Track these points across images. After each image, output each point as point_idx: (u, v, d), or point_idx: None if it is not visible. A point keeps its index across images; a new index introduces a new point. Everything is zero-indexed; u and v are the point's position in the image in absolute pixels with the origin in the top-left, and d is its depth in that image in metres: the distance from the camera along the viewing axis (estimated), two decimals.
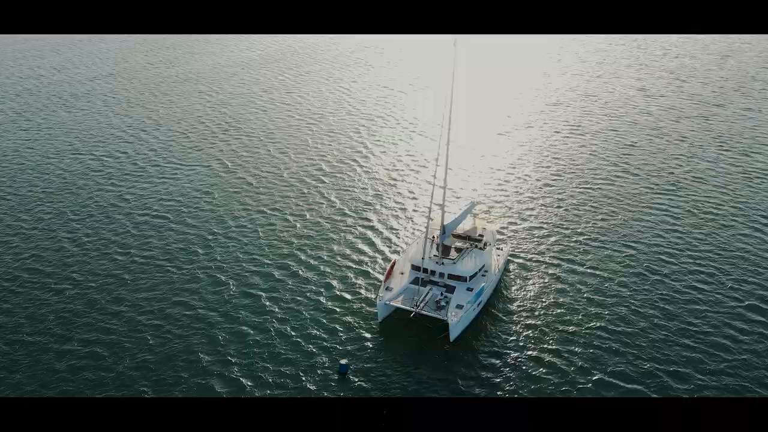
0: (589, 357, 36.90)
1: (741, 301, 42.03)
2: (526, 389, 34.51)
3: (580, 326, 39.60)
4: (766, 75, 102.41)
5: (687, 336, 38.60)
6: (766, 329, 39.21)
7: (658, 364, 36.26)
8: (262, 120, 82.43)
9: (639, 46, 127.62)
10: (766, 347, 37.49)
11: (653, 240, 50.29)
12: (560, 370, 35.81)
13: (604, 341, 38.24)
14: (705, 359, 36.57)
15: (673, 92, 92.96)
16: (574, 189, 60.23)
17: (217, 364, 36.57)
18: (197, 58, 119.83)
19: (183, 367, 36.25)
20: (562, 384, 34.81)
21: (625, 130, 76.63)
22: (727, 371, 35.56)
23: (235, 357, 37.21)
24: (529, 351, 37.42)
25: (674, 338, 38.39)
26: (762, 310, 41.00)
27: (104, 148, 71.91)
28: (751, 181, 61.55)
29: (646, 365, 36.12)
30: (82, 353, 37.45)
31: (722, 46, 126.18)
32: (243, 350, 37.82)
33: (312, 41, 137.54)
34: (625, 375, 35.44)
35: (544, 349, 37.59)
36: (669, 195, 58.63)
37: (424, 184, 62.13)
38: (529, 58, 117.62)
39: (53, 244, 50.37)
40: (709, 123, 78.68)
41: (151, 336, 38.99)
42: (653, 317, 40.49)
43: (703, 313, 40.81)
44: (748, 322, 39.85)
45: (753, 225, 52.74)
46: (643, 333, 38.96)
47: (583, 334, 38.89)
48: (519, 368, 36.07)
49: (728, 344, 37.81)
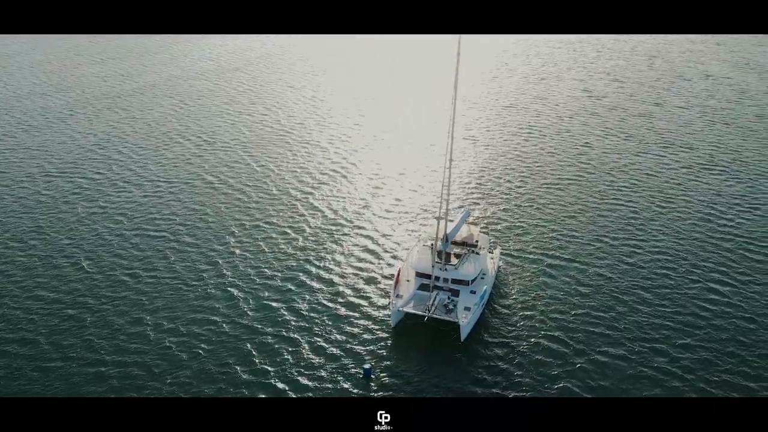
0: (582, 339, 40.31)
1: (699, 281, 46.73)
2: (534, 376, 37.44)
3: (570, 313, 43.04)
4: (692, 73, 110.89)
5: (658, 316, 42.75)
6: (728, 306, 43.91)
7: (622, 326, 40.18)
8: (234, 132, 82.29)
9: (575, 49, 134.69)
10: (724, 321, 42.11)
11: (619, 232, 54.62)
12: (560, 354, 39.01)
13: (593, 325, 41.79)
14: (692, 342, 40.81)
15: (614, 92, 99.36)
16: (542, 190, 64.12)
17: (251, 373, 37.56)
18: (150, 70, 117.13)
19: (221, 379, 37.06)
20: (565, 365, 38.01)
21: (578, 131, 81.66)
22: (695, 343, 39.89)
23: (267, 365, 38.39)
24: (531, 339, 40.47)
25: (644, 313, 42.43)
26: (717, 291, 45.77)
27: (78, 169, 70.02)
28: (694, 174, 67.42)
29: (624, 334, 39.93)
30: (121, 375, 37.50)
31: (649, 46, 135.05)
32: (272, 359, 39.05)
33: (263, 51, 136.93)
34: (615, 347, 39.12)
35: (541, 336, 40.77)
36: (627, 191, 63.47)
37: (413, 191, 64.40)
38: (478, 60, 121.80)
39: (56, 271, 49.26)
40: (651, 121, 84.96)
41: (182, 352, 39.44)
42: (625, 299, 44.46)
43: (671, 295, 45.19)
44: (708, 300, 44.46)
45: (701, 213, 58.09)
46: (620, 312, 42.83)
47: (573, 319, 42.31)
48: (525, 355, 39.03)
49: (694, 320, 42.24)
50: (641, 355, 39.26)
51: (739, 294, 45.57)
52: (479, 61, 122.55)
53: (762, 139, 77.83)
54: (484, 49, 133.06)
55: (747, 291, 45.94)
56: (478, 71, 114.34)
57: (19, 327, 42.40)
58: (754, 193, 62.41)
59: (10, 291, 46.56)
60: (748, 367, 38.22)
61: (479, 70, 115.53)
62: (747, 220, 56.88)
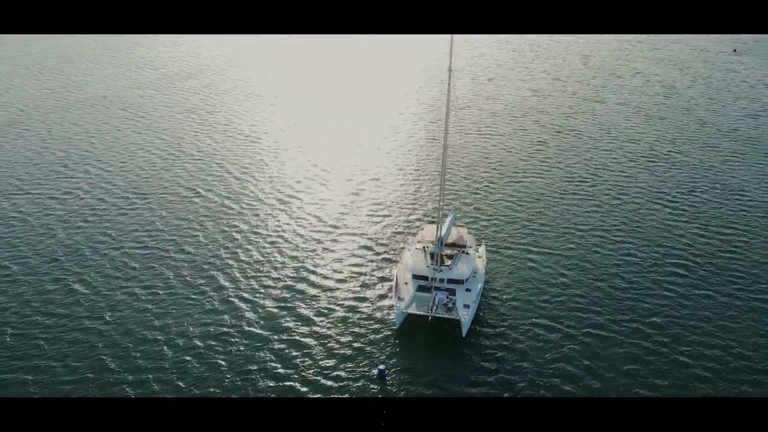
0: (571, 324, 43.06)
1: (659, 262, 50.77)
2: (533, 359, 39.75)
3: (556, 300, 45.77)
4: (623, 71, 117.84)
5: (631, 297, 46.26)
6: (687, 278, 48.01)
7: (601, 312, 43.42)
8: (202, 142, 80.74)
9: (514, 49, 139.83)
10: (680, 294, 46.16)
11: (585, 222, 58.08)
12: (551, 338, 41.58)
13: (579, 309, 44.69)
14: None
15: (558, 91, 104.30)
16: (509, 188, 67.02)
17: (268, 377, 37.85)
18: (98, 81, 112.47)
19: (243, 381, 37.16)
20: (558, 348, 40.58)
21: (532, 129, 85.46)
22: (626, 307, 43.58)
23: (282, 368, 38.79)
24: (525, 328, 42.80)
25: (618, 291, 45.84)
26: (677, 265, 49.90)
27: (45, 189, 66.90)
28: (641, 165, 72.34)
29: (605, 314, 43.11)
30: (154, 388, 36.81)
31: (581, 46, 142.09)
32: (286, 362, 39.52)
33: (209, 57, 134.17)
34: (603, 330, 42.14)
35: (533, 324, 43.15)
36: (586, 184, 67.31)
37: (399, 195, 65.64)
38: (423, 61, 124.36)
39: (50, 295, 47.28)
40: (595, 118, 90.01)
41: (193, 358, 39.15)
42: (600, 282, 47.78)
43: (639, 276, 48.89)
44: (670, 274, 48.45)
45: (651, 200, 62.61)
46: (598, 294, 46.04)
47: (559, 305, 45.04)
48: (522, 342, 41.27)
49: (642, 296, 46.04)
50: (620, 324, 42.47)
51: (694, 268, 49.80)
52: (429, 63, 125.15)
53: (693, 130, 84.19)
54: (428, 50, 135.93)
55: (701, 263, 50.24)
56: (429, 74, 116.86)
57: (27, 353, 40.70)
58: (693, 179, 67.76)
59: (9, 321, 44.46)
60: (691, 323, 42.11)
61: (430, 73, 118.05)
62: (691, 204, 61.80)
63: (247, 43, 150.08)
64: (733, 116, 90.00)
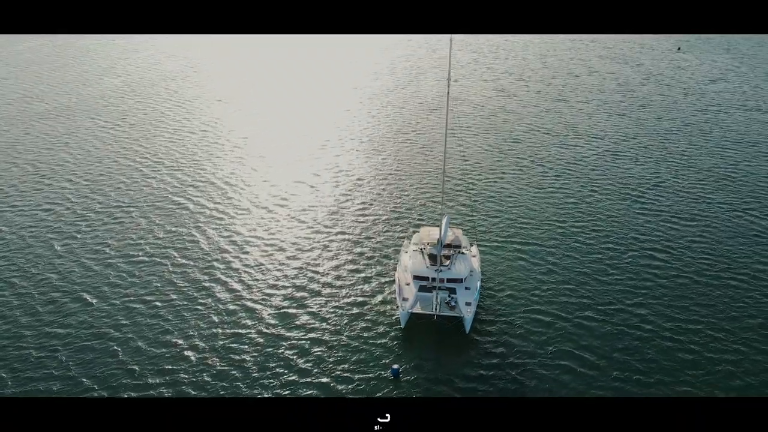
0: (566, 315, 45.08)
1: (634, 251, 53.58)
2: (534, 350, 41.48)
3: (549, 292, 47.75)
4: (579, 70, 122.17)
5: (611, 282, 48.75)
6: (660, 262, 50.93)
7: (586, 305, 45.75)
8: (183, 150, 79.18)
9: (474, 50, 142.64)
10: (661, 278, 49.06)
11: (564, 215, 60.47)
12: (546, 326, 43.45)
13: (570, 300, 46.78)
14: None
15: (522, 91, 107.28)
16: (488, 187, 68.89)
17: (280, 380, 38.06)
18: (59, 90, 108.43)
19: (255, 384, 37.16)
20: (556, 338, 42.47)
21: (502, 128, 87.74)
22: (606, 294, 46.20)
23: (292, 371, 38.96)
24: (522, 321, 44.51)
25: (600, 281, 48.24)
26: (649, 256, 52.82)
27: (32, 201, 64.35)
28: (607, 160, 75.60)
29: (588, 299, 45.35)
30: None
31: (538, 46, 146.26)
32: (295, 365, 39.82)
33: (172, 63, 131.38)
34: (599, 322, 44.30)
35: (530, 317, 44.91)
36: (559, 180, 69.86)
37: (391, 197, 66.30)
38: (393, 63, 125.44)
39: (60, 307, 45.80)
40: (560, 116, 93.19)
41: (212, 366, 38.97)
42: (586, 271, 50.12)
43: (620, 264, 51.47)
44: (645, 265, 51.26)
45: (620, 193, 65.70)
46: (585, 283, 48.31)
47: (552, 298, 47.04)
48: (521, 336, 42.96)
49: (623, 288, 48.71)
50: (606, 313, 44.78)
51: (665, 256, 52.81)
52: (394, 64, 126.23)
53: (650, 125, 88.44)
54: (389, 51, 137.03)
55: (673, 251, 53.32)
56: (396, 74, 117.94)
57: (44, 365, 39.48)
58: (657, 172, 71.39)
59: (21, 336, 42.95)
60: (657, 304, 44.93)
61: (397, 74, 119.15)
62: (657, 194, 65.18)
63: (220, 45, 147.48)
64: (685, 111, 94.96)
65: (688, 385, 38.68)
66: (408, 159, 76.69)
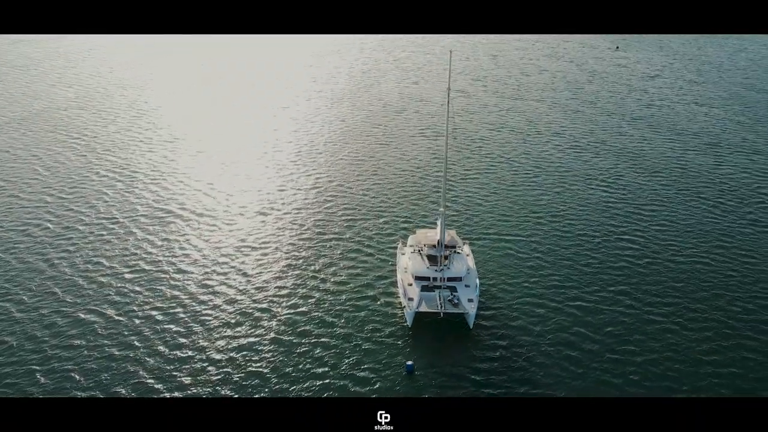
0: (562, 310, 47.62)
1: (602, 236, 57.12)
2: (535, 343, 43.69)
3: (542, 286, 50.23)
4: (530, 69, 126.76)
5: (597, 272, 51.94)
6: (631, 247, 54.58)
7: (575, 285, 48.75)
8: (161, 160, 77.01)
9: (427, 52, 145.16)
10: (633, 270, 52.70)
11: (541, 209, 63.31)
12: (544, 321, 45.92)
13: (564, 296, 49.42)
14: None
15: (481, 91, 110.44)
16: (473, 187, 71.09)
17: (290, 380, 38.51)
18: (10, 102, 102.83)
19: (264, 385, 37.53)
20: (554, 332, 44.93)
21: (468, 128, 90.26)
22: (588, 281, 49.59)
23: (303, 372, 40.05)
24: (521, 314, 46.74)
25: (586, 273, 51.31)
26: (621, 243, 56.43)
27: (18, 219, 61.38)
28: (571, 156, 79.46)
29: (584, 294, 48.28)
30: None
31: (488, 46, 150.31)
32: (307, 365, 40.73)
33: (128, 72, 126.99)
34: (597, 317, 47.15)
35: (527, 311, 47.22)
36: (531, 176, 72.83)
37: (387, 199, 67.04)
38: (353, 63, 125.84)
39: (77, 322, 44.21)
40: (521, 114, 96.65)
41: (228, 369, 38.98)
42: (574, 264, 53.10)
43: (605, 255, 54.75)
44: (620, 249, 54.80)
45: (586, 187, 69.43)
46: (575, 276, 51.22)
47: (547, 292, 49.56)
48: (522, 329, 45.15)
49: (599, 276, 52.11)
50: (600, 305, 47.82)
51: (636, 241, 56.60)
52: (353, 63, 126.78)
53: (603, 121, 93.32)
54: (346, 50, 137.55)
55: (645, 236, 57.15)
56: (355, 74, 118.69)
57: (44, 365, 38.18)
58: (615, 164, 75.75)
59: (48, 357, 41.24)
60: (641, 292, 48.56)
61: (355, 74, 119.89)
62: (620, 185, 69.24)
63: (199, 44, 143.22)
64: (632, 106, 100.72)
65: (690, 377, 41.37)
66: (395, 163, 77.91)
